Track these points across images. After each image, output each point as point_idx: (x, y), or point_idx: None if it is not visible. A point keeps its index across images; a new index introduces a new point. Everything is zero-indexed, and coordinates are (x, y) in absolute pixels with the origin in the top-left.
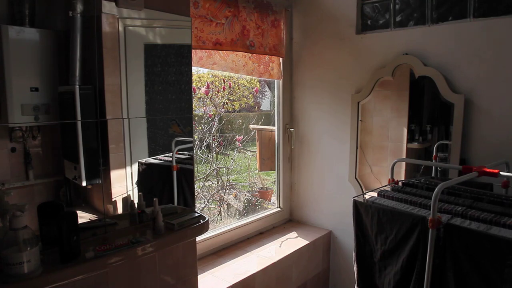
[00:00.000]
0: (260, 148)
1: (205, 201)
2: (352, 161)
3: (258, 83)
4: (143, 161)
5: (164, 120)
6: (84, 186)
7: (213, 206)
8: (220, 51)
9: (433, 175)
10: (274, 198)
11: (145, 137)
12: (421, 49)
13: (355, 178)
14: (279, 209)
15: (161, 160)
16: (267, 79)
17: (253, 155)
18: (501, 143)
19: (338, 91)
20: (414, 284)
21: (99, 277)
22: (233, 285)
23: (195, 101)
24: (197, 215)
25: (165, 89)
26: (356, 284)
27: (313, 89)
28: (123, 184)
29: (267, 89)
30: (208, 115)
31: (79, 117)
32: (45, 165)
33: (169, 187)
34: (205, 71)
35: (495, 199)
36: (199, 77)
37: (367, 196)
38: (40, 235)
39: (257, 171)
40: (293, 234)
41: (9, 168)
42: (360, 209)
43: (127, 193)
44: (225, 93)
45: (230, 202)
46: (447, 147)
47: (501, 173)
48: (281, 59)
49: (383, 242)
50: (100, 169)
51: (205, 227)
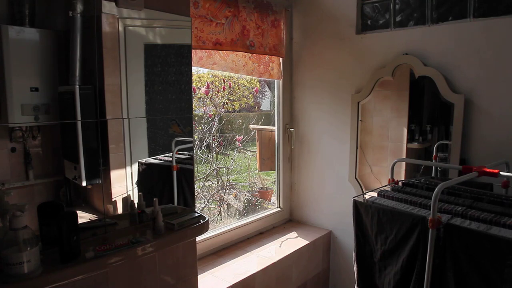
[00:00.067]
0: (260, 148)
1: (205, 201)
2: (352, 161)
3: (258, 83)
4: (143, 161)
5: (164, 120)
6: (84, 186)
7: (213, 206)
8: (220, 51)
9: (433, 175)
10: (274, 198)
11: (145, 137)
12: (421, 49)
13: (355, 178)
14: (279, 209)
15: (161, 160)
16: (267, 79)
17: (253, 155)
18: (501, 143)
19: (338, 91)
20: (414, 284)
21: (99, 277)
22: (233, 285)
23: (195, 101)
24: (197, 215)
25: (165, 89)
26: (356, 284)
27: (313, 89)
28: (123, 184)
29: (267, 89)
30: (208, 115)
31: (79, 117)
32: (45, 165)
33: (169, 187)
34: (205, 71)
35: (495, 199)
36: (199, 77)
37: (367, 196)
38: (40, 235)
39: (257, 171)
40: (293, 234)
41: (9, 168)
42: (360, 209)
43: (127, 193)
44: (225, 93)
45: (230, 202)
46: (447, 147)
47: (501, 173)
48: (281, 59)
49: (383, 242)
50: (100, 169)
51: (205, 227)
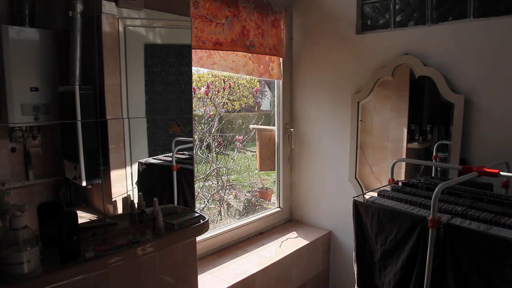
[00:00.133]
0: (260, 148)
1: (205, 201)
2: (352, 161)
3: (258, 83)
4: (143, 161)
5: (164, 120)
6: (84, 186)
7: (213, 206)
8: (220, 51)
9: (433, 175)
10: (274, 198)
11: (145, 137)
12: (421, 49)
13: (355, 178)
14: (279, 209)
15: (161, 160)
16: (267, 79)
17: (253, 155)
18: (501, 143)
19: (338, 91)
20: (414, 284)
21: (99, 277)
22: (233, 285)
23: (195, 101)
24: (197, 215)
25: (165, 89)
26: (356, 284)
27: (313, 89)
28: (123, 184)
29: (267, 89)
30: (208, 115)
31: (79, 117)
32: (45, 165)
33: (169, 187)
34: (205, 71)
35: (495, 199)
36: (199, 77)
37: (367, 196)
38: (40, 235)
39: (257, 171)
40: (293, 234)
41: (9, 168)
42: (360, 209)
43: (127, 193)
44: (225, 93)
45: (230, 202)
46: (447, 147)
47: (501, 173)
48: (281, 59)
49: (383, 242)
50: (100, 169)
51: (205, 227)
